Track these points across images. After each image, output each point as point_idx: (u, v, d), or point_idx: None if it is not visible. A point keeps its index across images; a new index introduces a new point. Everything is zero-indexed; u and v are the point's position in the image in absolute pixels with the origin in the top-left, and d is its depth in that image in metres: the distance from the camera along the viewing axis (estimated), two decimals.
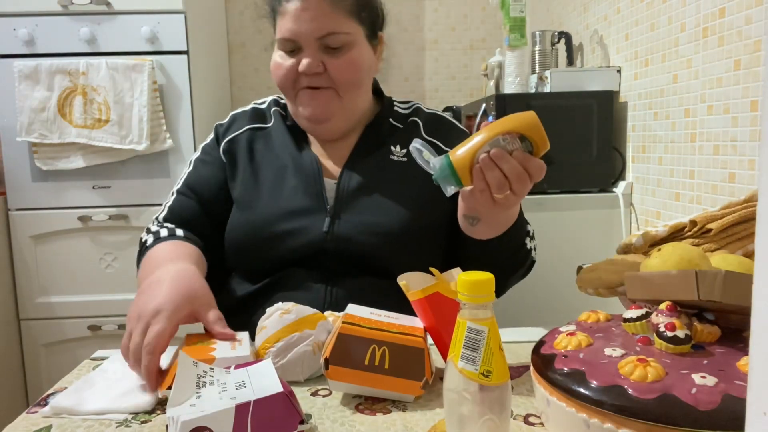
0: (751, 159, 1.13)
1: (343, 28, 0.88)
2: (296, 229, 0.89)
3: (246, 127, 1.00)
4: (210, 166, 0.99)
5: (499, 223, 0.81)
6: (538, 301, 1.57)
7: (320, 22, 0.87)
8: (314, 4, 0.87)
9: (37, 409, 0.65)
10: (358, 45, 0.91)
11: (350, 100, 0.93)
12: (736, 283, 0.51)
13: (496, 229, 0.82)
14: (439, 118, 1.02)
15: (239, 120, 1.01)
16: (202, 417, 0.52)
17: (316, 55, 0.88)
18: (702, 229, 0.74)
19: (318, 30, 0.87)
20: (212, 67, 2.20)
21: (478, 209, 0.76)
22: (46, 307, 1.90)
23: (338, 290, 0.89)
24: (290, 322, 0.71)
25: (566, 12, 2.04)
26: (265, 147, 0.97)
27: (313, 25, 0.87)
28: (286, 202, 0.91)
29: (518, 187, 0.70)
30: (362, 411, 0.63)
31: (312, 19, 0.86)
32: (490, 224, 0.81)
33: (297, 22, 0.87)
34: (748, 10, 1.12)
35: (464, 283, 0.47)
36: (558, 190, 1.58)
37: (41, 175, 1.86)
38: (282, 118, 1.00)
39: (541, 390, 0.54)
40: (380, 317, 0.70)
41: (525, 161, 0.69)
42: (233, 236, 0.93)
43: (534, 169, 0.69)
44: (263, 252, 0.90)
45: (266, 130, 1.00)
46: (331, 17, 0.87)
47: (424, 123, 0.99)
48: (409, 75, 2.57)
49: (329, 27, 0.87)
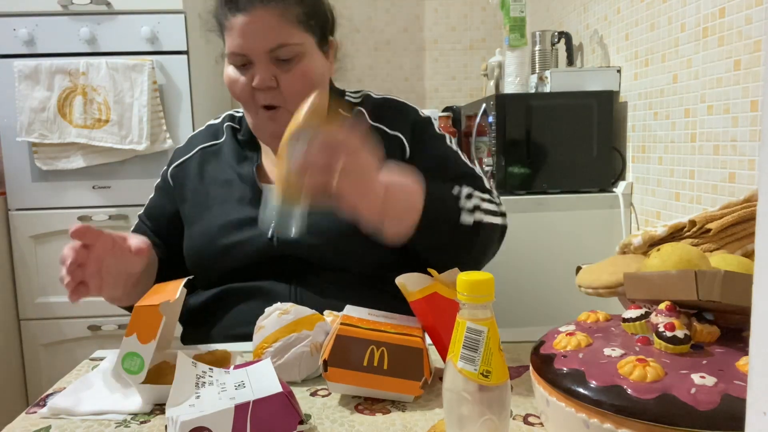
0: (751, 159, 1.13)
1: (292, 39, 0.86)
2: (242, 241, 0.90)
3: (197, 148, 1.02)
4: (162, 194, 1.04)
5: (395, 212, 0.75)
6: (537, 301, 1.57)
7: (269, 35, 0.85)
8: (261, 17, 0.85)
9: (36, 410, 0.65)
10: (308, 54, 0.89)
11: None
12: (736, 283, 0.51)
13: (401, 221, 0.77)
14: (386, 102, 1.01)
15: (193, 142, 1.04)
16: (202, 417, 0.52)
17: (267, 68, 0.87)
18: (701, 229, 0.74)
19: (267, 43, 0.85)
20: (212, 67, 2.19)
21: (361, 217, 0.72)
22: (46, 307, 1.90)
23: (302, 290, 0.89)
24: (288, 322, 0.71)
25: (566, 12, 2.04)
26: (215, 164, 0.99)
27: (262, 39, 0.85)
28: (231, 214, 0.93)
29: (343, 162, 0.66)
30: (362, 411, 0.63)
31: (260, 32, 0.85)
32: (392, 220, 0.75)
33: (245, 37, 0.85)
34: (748, 10, 1.12)
35: (464, 283, 0.47)
36: (558, 190, 1.58)
37: (41, 175, 1.86)
38: (233, 132, 1.01)
39: (541, 390, 0.54)
40: (378, 318, 0.70)
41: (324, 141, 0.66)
42: (187, 253, 0.96)
43: (334, 139, 0.66)
44: (217, 264, 0.92)
45: (217, 146, 1.02)
46: (279, 29, 0.85)
47: (370, 110, 0.98)
48: (409, 75, 2.57)
49: (278, 39, 0.85)
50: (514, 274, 1.56)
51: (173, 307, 0.66)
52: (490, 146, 1.60)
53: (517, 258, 1.56)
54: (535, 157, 1.56)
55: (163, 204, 1.02)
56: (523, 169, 1.56)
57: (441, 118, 1.92)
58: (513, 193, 1.58)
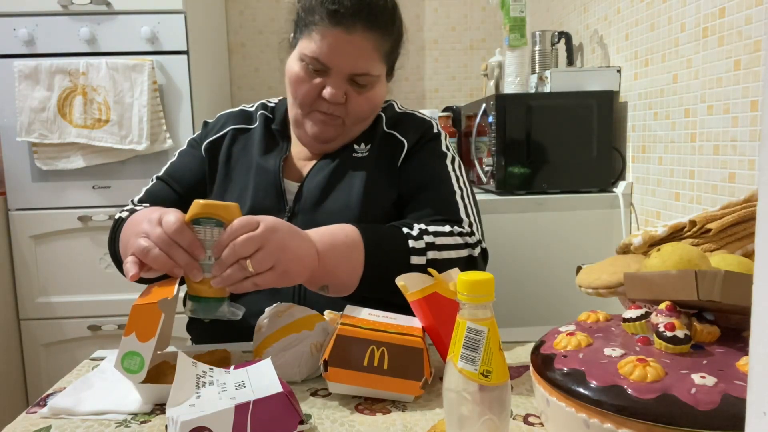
0: (751, 159, 1.13)
1: (375, 70, 0.90)
2: None
3: (229, 128, 1.02)
4: (192, 158, 1.01)
5: (336, 269, 0.76)
6: (538, 301, 1.57)
7: (358, 61, 0.88)
8: (358, 42, 0.86)
9: (36, 410, 0.65)
10: (380, 83, 0.94)
11: (356, 128, 0.96)
12: (736, 283, 0.51)
13: (341, 278, 0.78)
14: (405, 115, 1.02)
15: (225, 121, 1.03)
16: (202, 417, 0.52)
17: (342, 85, 0.89)
18: (701, 229, 0.74)
19: (354, 68, 0.88)
20: (212, 67, 2.20)
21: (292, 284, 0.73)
22: (46, 307, 1.90)
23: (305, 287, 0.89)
24: (288, 322, 0.71)
25: (566, 12, 2.04)
26: (242, 148, 0.99)
27: (351, 61, 0.87)
28: (249, 201, 0.93)
29: (248, 253, 0.66)
30: (362, 411, 0.63)
31: (351, 54, 0.87)
32: (335, 277, 0.77)
33: (335, 52, 0.86)
34: (748, 10, 1.12)
35: (464, 283, 0.47)
36: (558, 190, 1.58)
37: (41, 175, 1.86)
38: (266, 121, 1.02)
39: (541, 390, 0.54)
40: (378, 318, 0.70)
41: (219, 246, 0.67)
42: None
43: (231, 234, 0.66)
44: None
45: (249, 131, 1.02)
46: (369, 58, 0.88)
47: (387, 118, 1.00)
48: (409, 75, 2.57)
49: (365, 68, 0.88)
50: (514, 274, 1.56)
51: (171, 304, 0.66)
52: (490, 146, 1.60)
53: (517, 258, 1.56)
54: (534, 157, 1.56)
55: (192, 166, 1.00)
56: (522, 169, 1.56)
57: (441, 118, 1.92)
58: (513, 193, 1.58)
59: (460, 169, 0.98)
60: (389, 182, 0.95)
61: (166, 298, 0.64)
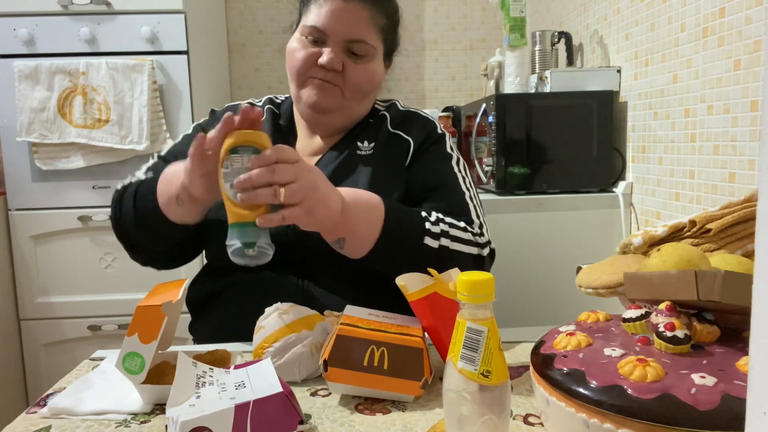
0: (751, 159, 1.13)
1: (371, 39, 0.92)
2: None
3: None
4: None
5: (354, 225, 0.78)
6: (538, 301, 1.57)
7: (355, 27, 0.90)
8: (354, 9, 0.90)
9: (36, 410, 0.65)
10: (376, 59, 0.95)
11: (353, 105, 0.96)
12: (736, 283, 0.51)
13: (361, 234, 0.79)
14: (409, 114, 1.03)
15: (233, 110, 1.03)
16: (202, 417, 0.52)
17: (338, 53, 0.91)
18: (701, 229, 0.74)
19: (351, 33, 0.90)
20: (212, 67, 2.19)
21: (314, 228, 0.75)
22: (46, 307, 1.90)
23: (309, 283, 0.90)
24: (288, 322, 0.71)
25: (566, 12, 2.04)
26: None
27: (347, 27, 0.90)
28: None
29: (284, 180, 0.68)
30: (362, 411, 0.63)
31: (348, 20, 0.90)
32: (351, 233, 0.78)
33: (332, 18, 0.89)
34: (748, 10, 1.12)
35: (464, 283, 0.47)
36: (558, 190, 1.58)
37: (41, 175, 1.86)
38: (273, 116, 1.03)
39: (541, 390, 0.54)
40: (378, 318, 0.70)
41: (257, 162, 0.68)
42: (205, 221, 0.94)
43: (277, 153, 0.68)
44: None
45: None
46: (366, 26, 0.91)
47: (392, 117, 1.01)
48: (409, 75, 2.57)
49: (362, 34, 0.91)
50: (514, 274, 1.56)
51: (175, 308, 0.66)
52: (490, 146, 1.60)
53: (517, 258, 1.56)
54: (535, 157, 1.56)
55: None
56: (523, 169, 1.56)
57: (441, 118, 1.92)
58: (513, 193, 1.58)
59: (465, 170, 0.99)
60: (394, 180, 0.95)
61: (170, 302, 0.64)
